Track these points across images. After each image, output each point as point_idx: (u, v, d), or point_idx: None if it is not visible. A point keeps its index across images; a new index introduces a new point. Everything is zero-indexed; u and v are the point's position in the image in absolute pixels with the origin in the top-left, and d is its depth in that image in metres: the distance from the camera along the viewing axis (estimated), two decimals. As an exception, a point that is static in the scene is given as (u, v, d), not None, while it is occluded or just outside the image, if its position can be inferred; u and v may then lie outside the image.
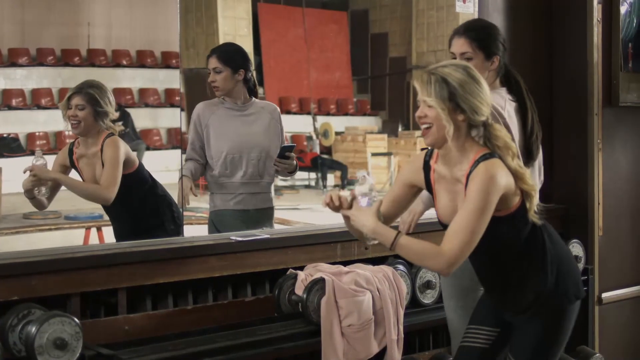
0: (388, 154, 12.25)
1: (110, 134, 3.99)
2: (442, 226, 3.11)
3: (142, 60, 9.25)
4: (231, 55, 4.28)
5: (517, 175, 2.99)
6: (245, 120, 4.28)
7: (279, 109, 4.41)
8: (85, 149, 4.02)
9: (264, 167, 4.26)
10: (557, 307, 3.17)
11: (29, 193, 3.96)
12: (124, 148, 3.99)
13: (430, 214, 3.49)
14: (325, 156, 12.66)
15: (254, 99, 4.32)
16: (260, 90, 4.37)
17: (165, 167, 4.56)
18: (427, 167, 3.15)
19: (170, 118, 6.93)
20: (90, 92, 3.97)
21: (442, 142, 2.99)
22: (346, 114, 13.91)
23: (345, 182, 12.03)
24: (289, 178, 4.65)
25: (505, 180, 2.95)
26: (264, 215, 4.34)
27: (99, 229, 5.47)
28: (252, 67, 4.32)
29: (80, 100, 3.94)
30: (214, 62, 4.22)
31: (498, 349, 3.27)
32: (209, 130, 4.24)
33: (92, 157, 4.01)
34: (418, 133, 10.99)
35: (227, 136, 4.23)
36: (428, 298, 4.14)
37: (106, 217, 4.32)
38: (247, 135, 4.26)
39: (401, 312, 3.80)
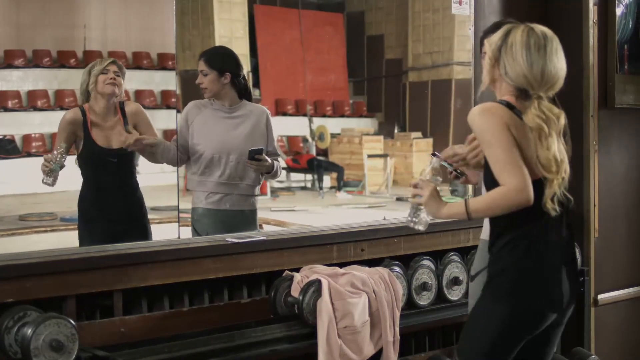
0: (384, 156, 12.24)
1: (123, 101, 4.24)
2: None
3: (138, 62, 9.25)
4: (218, 58, 4.32)
5: (540, 161, 2.96)
6: (230, 122, 4.30)
7: (268, 112, 4.42)
8: (102, 118, 4.17)
9: (243, 170, 4.27)
10: (491, 293, 3.06)
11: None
12: None
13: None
14: (321, 158, 12.66)
15: (244, 101, 4.33)
16: (256, 92, 4.38)
17: (160, 169, 4.55)
18: None
19: (166, 120, 6.93)
20: (121, 65, 4.27)
21: (484, 86, 3.13)
22: (342, 116, 13.90)
23: (342, 183, 12.03)
24: (276, 179, 4.66)
25: (506, 116, 2.95)
26: (242, 217, 4.35)
27: (94, 231, 5.46)
28: (243, 70, 4.34)
29: (117, 69, 4.18)
30: (201, 65, 4.27)
31: None
32: (193, 128, 4.28)
33: (109, 127, 4.19)
34: (414, 135, 11.01)
35: (209, 136, 4.26)
36: (424, 300, 4.14)
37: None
38: (229, 137, 4.28)
39: (397, 314, 3.80)
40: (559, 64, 3.11)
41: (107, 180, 4.20)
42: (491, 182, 2.99)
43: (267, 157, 4.27)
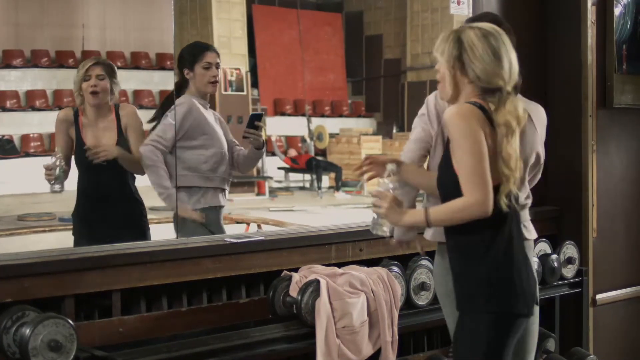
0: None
1: (118, 103, 4.16)
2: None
3: (136, 62, 9.26)
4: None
5: (503, 158, 2.94)
6: (212, 117, 4.31)
7: None
8: (93, 120, 4.12)
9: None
10: (464, 307, 3.06)
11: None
12: None
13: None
14: (319, 158, 12.67)
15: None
16: (254, 92, 4.36)
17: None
18: None
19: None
20: (109, 64, 4.16)
21: (449, 99, 3.02)
22: (341, 116, 13.92)
23: (340, 183, 12.04)
24: (257, 162, 4.51)
25: (481, 121, 2.91)
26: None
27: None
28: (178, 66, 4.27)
29: (101, 71, 4.09)
30: (215, 57, 4.23)
31: None
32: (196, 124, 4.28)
33: (102, 128, 4.13)
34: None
35: (215, 132, 4.26)
36: (422, 299, 4.14)
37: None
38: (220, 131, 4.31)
39: (396, 314, 3.80)
40: (515, 57, 3.02)
41: (99, 183, 4.15)
42: (450, 184, 2.96)
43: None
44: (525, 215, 3.56)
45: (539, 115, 3.62)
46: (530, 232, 3.62)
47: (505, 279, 2.99)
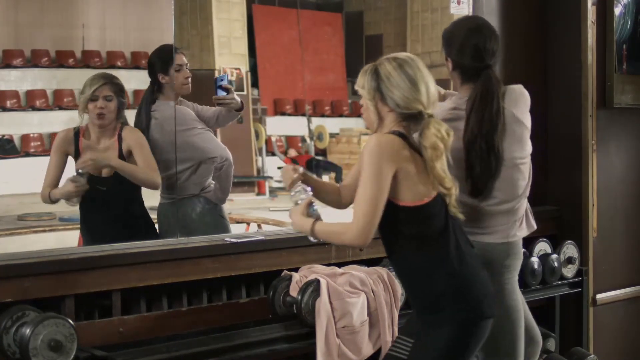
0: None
1: (125, 123, 3.99)
2: None
3: (136, 61, 9.26)
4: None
5: (435, 177, 3.04)
6: None
7: None
8: (96, 141, 3.96)
9: None
10: (436, 322, 3.10)
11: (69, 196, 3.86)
12: None
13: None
14: (319, 157, 12.65)
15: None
16: (254, 92, 4.36)
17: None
18: None
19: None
20: (117, 83, 3.96)
21: (372, 127, 3.16)
22: (341, 116, 13.91)
23: (340, 183, 12.02)
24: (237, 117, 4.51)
25: (397, 154, 3.01)
26: None
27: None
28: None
29: (109, 91, 3.92)
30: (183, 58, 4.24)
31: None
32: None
33: (103, 149, 3.97)
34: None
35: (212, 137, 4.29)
36: (423, 299, 4.14)
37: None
38: None
39: (396, 314, 3.80)
40: (432, 81, 3.13)
41: (101, 209, 4.03)
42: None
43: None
44: (518, 213, 3.53)
45: (512, 96, 3.53)
46: (522, 230, 3.59)
47: (466, 285, 3.07)
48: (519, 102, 3.49)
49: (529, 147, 3.51)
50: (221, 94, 4.24)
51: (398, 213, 3.05)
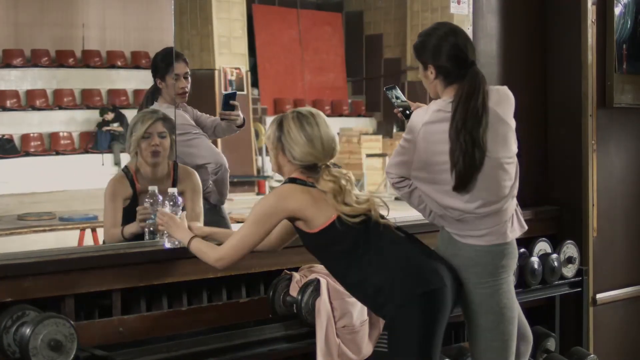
0: (383, 155, 12.26)
1: (176, 162, 3.90)
2: None
3: (136, 61, 9.26)
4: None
5: (345, 211, 3.27)
6: None
7: None
8: (150, 181, 3.79)
9: None
10: (390, 313, 3.26)
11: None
12: None
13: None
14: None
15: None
16: (254, 92, 4.35)
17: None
18: None
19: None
20: (169, 118, 3.87)
21: (276, 172, 3.47)
22: (341, 115, 13.92)
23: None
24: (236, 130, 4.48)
25: (292, 203, 3.27)
26: None
27: (93, 230, 5.47)
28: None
29: (162, 127, 3.83)
30: (185, 67, 4.22)
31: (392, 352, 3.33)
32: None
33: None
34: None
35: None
36: (423, 299, 4.14)
37: (101, 218, 4.28)
38: None
39: (396, 313, 3.80)
40: (331, 133, 3.37)
41: None
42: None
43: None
44: (507, 214, 3.53)
45: (496, 96, 3.52)
46: (514, 230, 3.58)
47: (400, 271, 3.28)
48: (502, 102, 3.48)
49: (514, 147, 3.50)
50: (227, 109, 4.25)
51: (313, 240, 3.32)
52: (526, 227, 3.61)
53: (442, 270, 3.32)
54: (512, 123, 3.48)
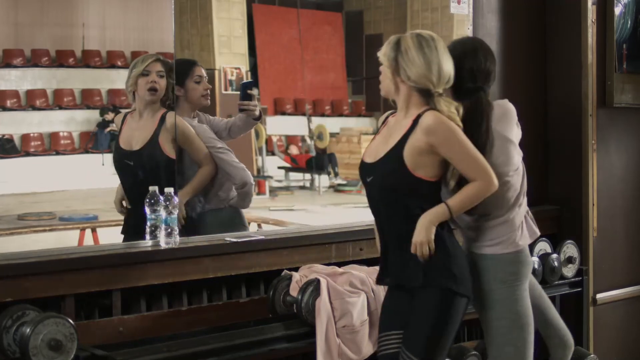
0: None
1: (168, 111, 3.98)
2: (360, 169, 3.42)
3: (136, 61, 9.24)
4: None
5: None
6: None
7: None
8: (136, 118, 3.99)
9: None
10: (447, 286, 3.28)
11: None
12: None
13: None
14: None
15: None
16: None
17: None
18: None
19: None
20: (167, 62, 3.99)
21: (387, 95, 3.39)
22: (341, 115, 13.91)
23: (336, 169, 12.03)
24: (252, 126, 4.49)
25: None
26: None
27: (93, 230, 5.47)
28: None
29: (161, 68, 3.96)
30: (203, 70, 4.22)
31: None
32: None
33: (137, 127, 3.99)
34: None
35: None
36: (423, 299, 4.14)
37: (101, 218, 4.29)
38: None
39: (396, 313, 3.80)
40: (449, 62, 3.31)
41: (131, 184, 4.02)
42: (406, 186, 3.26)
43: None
44: (516, 223, 3.55)
45: (497, 114, 3.54)
46: (524, 238, 3.61)
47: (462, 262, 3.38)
48: (501, 120, 3.53)
49: (517, 159, 3.54)
50: (245, 99, 4.24)
51: (425, 187, 3.27)
52: (538, 233, 3.67)
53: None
54: (514, 137, 3.53)
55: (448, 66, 3.29)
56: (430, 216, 3.25)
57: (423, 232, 3.23)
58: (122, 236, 4.06)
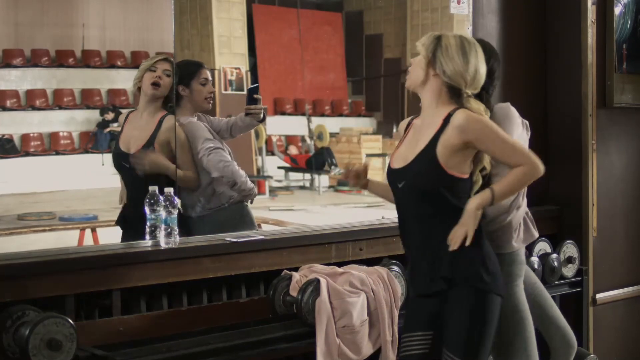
0: (383, 155, 12.25)
1: (168, 114, 4.02)
2: (388, 177, 3.45)
3: (136, 61, 9.24)
4: None
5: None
6: None
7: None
8: (137, 117, 4.04)
9: None
10: (485, 286, 3.25)
11: None
12: None
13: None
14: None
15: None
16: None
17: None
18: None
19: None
20: (175, 64, 4.04)
21: (414, 85, 3.35)
22: (341, 115, 13.92)
23: (333, 161, 12.04)
24: (256, 124, 4.50)
25: None
26: None
27: (93, 230, 5.47)
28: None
29: (169, 67, 4.00)
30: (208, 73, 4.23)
31: (438, 351, 3.31)
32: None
33: (136, 128, 4.02)
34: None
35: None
36: (422, 299, 4.14)
37: (101, 218, 4.29)
38: None
39: (396, 313, 3.80)
40: (484, 67, 3.35)
41: (129, 184, 4.05)
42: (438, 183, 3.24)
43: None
44: (513, 225, 3.57)
45: (497, 117, 3.57)
46: (519, 240, 3.64)
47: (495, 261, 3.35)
48: (503, 122, 3.54)
49: None
50: (251, 103, 4.27)
51: (460, 184, 3.26)
52: (536, 236, 3.69)
53: None
54: (516, 138, 3.53)
55: (483, 70, 3.31)
56: (478, 200, 3.23)
57: (472, 219, 3.20)
58: (119, 228, 4.11)
